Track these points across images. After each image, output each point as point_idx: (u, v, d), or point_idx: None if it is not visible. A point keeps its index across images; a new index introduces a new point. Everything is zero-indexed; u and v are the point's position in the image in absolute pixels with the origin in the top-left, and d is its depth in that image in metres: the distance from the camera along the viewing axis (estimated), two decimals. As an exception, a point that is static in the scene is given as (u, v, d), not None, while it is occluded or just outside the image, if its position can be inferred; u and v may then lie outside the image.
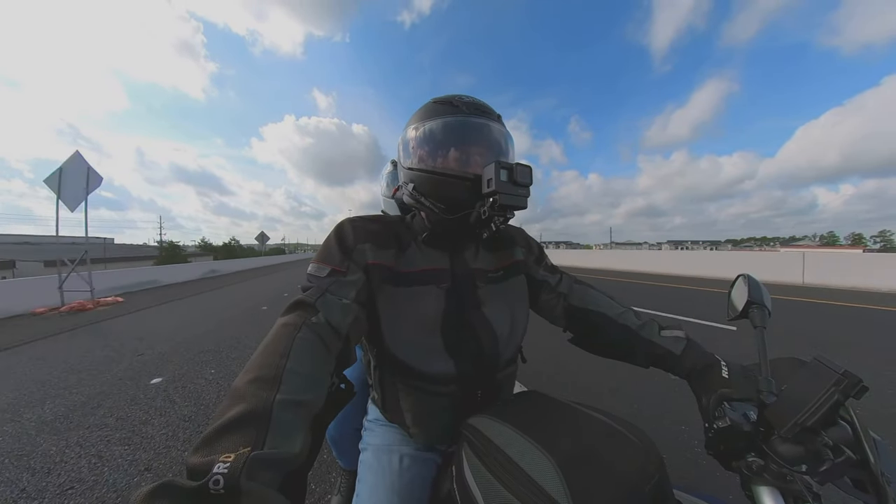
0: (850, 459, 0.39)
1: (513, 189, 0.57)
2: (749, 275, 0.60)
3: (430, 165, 0.65)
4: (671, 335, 0.67)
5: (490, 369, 0.68)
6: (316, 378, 0.45)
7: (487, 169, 0.58)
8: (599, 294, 0.79)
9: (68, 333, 4.85)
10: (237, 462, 0.28)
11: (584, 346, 0.79)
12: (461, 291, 0.67)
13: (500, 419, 0.52)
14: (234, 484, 0.27)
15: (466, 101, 0.66)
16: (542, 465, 0.43)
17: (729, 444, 0.47)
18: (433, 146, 0.65)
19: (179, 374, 3.14)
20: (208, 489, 0.26)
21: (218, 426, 0.33)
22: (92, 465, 1.82)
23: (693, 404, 0.58)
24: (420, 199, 0.65)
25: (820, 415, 0.38)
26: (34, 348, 4.13)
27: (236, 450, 0.30)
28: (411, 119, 0.69)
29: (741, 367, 0.56)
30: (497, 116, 0.68)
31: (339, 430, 1.08)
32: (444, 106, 0.66)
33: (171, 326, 5.14)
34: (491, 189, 0.57)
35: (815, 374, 0.39)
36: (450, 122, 0.64)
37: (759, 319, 0.54)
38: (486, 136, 0.66)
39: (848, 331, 4.15)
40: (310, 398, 0.41)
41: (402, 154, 0.70)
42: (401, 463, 0.68)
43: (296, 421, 0.37)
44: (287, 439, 0.35)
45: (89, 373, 3.23)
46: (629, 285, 9.24)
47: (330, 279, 0.59)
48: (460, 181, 0.62)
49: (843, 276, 8.32)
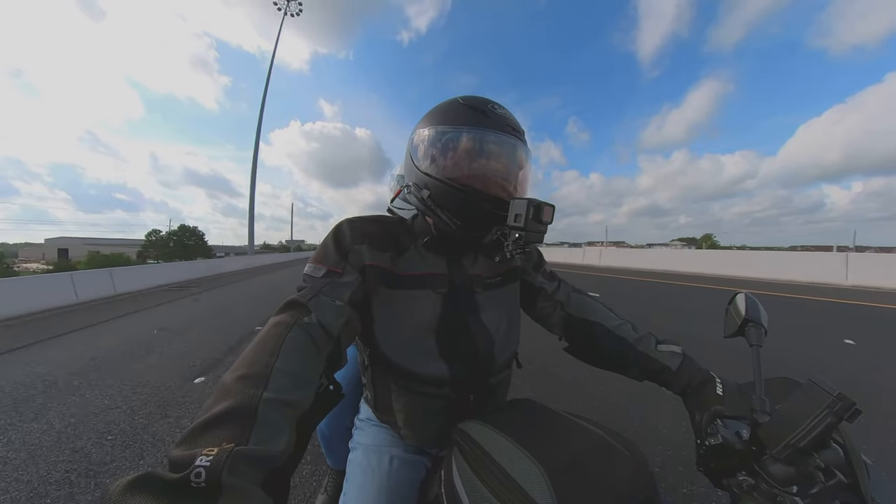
0: (840, 483, 0.38)
1: (537, 227, 0.57)
2: (747, 293, 0.60)
3: (452, 175, 0.61)
4: (668, 350, 0.66)
5: (484, 374, 0.68)
6: (304, 378, 0.44)
7: (518, 203, 0.57)
8: (598, 304, 0.78)
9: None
10: (220, 456, 0.28)
11: (580, 355, 0.79)
12: (458, 297, 0.67)
13: (492, 426, 0.52)
14: (216, 478, 0.26)
15: (499, 113, 0.62)
16: (532, 473, 0.42)
17: (720, 461, 0.47)
18: (459, 155, 0.61)
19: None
20: (189, 482, 0.26)
21: (203, 421, 0.33)
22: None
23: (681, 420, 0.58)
24: (434, 210, 0.62)
25: (812, 436, 0.37)
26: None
27: (219, 445, 0.30)
28: (433, 116, 0.64)
29: (736, 385, 0.56)
30: (523, 133, 0.66)
31: (330, 428, 1.07)
32: (476, 113, 0.61)
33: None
34: (519, 225, 0.56)
35: (809, 396, 0.39)
36: (482, 135, 0.61)
37: (755, 338, 0.54)
38: (517, 158, 0.63)
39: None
40: (297, 398, 0.41)
41: (416, 154, 0.66)
42: (390, 464, 0.67)
43: (281, 420, 0.37)
44: (271, 437, 0.34)
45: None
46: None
47: (325, 280, 0.59)
48: (483, 202, 0.60)
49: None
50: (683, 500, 1.49)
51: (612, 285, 8.68)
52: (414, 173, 0.66)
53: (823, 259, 9.51)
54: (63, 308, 6.50)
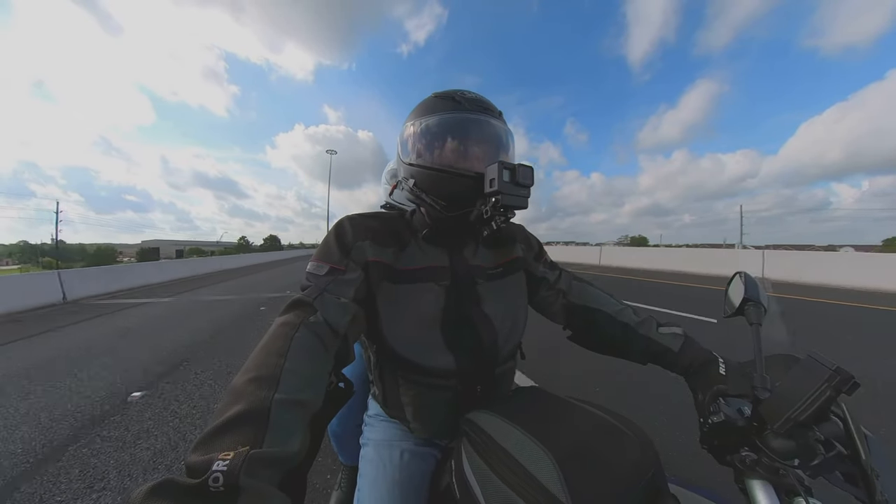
0: (841, 454, 0.39)
1: (515, 189, 0.57)
2: (746, 272, 0.61)
3: (430, 161, 0.64)
4: (669, 332, 0.67)
5: (490, 364, 0.69)
6: (314, 377, 0.45)
7: (490, 168, 0.58)
8: (598, 291, 0.79)
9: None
10: (236, 460, 0.28)
11: (583, 342, 0.80)
12: (461, 288, 0.67)
13: (499, 414, 0.53)
14: (234, 482, 0.27)
15: (469, 97, 0.65)
16: (540, 459, 0.43)
17: (723, 438, 0.48)
18: (434, 142, 0.64)
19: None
20: (208, 487, 0.26)
21: (217, 425, 0.33)
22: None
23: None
24: (420, 196, 0.64)
25: (812, 410, 0.38)
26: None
27: (235, 448, 0.30)
28: (411, 114, 0.69)
29: (738, 364, 0.57)
30: (499, 113, 0.67)
31: (341, 425, 1.09)
32: (445, 101, 0.65)
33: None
34: (493, 189, 0.56)
35: (809, 371, 0.39)
36: (452, 117, 0.64)
37: (754, 316, 0.54)
38: (488, 134, 0.65)
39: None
40: (308, 397, 0.41)
41: (402, 149, 0.69)
42: (401, 457, 0.68)
43: (294, 420, 0.37)
44: (286, 438, 0.35)
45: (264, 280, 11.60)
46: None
47: (328, 278, 0.59)
48: (461, 178, 0.61)
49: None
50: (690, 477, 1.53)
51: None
52: (402, 167, 0.70)
53: (716, 253, 12.02)
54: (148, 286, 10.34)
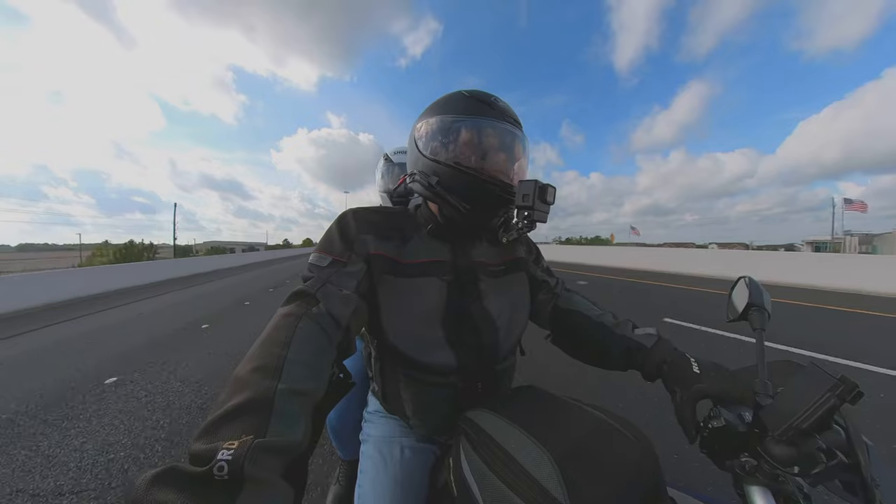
0: (842, 463, 0.39)
1: (543, 206, 0.62)
2: (750, 277, 0.60)
3: (460, 161, 0.64)
4: (644, 332, 0.68)
5: (490, 361, 0.69)
6: (317, 368, 0.45)
7: (526, 184, 0.61)
8: (583, 299, 0.81)
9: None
10: (241, 449, 0.29)
11: (562, 345, 0.81)
12: (463, 284, 0.67)
13: (498, 413, 0.53)
14: (238, 470, 0.27)
15: (501, 107, 0.66)
16: (539, 459, 0.43)
17: (723, 443, 0.48)
18: (468, 144, 0.64)
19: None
20: (212, 475, 0.27)
21: (221, 414, 0.34)
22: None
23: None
24: (444, 195, 0.64)
25: (815, 419, 0.38)
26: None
27: (239, 437, 0.31)
28: (438, 106, 0.67)
29: (712, 363, 0.57)
30: (521, 125, 0.70)
31: (340, 421, 1.09)
32: (481, 104, 0.65)
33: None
34: (528, 204, 0.61)
35: (812, 379, 0.39)
36: (490, 124, 0.64)
37: (758, 322, 0.54)
38: (517, 147, 0.68)
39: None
40: (311, 387, 0.42)
41: (423, 144, 0.67)
42: (401, 454, 0.69)
43: (297, 410, 0.38)
44: (289, 427, 0.35)
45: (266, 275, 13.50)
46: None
47: (331, 269, 0.59)
48: (493, 185, 0.63)
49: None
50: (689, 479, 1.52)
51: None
52: (420, 161, 0.68)
53: (683, 252, 13.59)
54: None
